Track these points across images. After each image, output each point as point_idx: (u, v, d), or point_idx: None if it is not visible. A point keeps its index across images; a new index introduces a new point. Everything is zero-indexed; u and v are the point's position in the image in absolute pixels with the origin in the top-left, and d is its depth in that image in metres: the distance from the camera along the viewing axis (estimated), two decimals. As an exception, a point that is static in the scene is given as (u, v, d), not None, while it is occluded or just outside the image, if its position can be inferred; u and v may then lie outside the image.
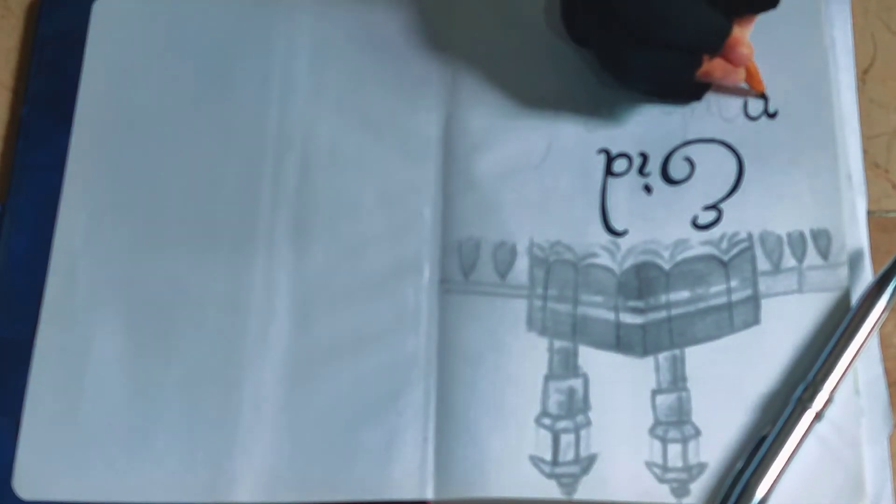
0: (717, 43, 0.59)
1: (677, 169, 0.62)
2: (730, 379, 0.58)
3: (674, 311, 0.59)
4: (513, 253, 0.61)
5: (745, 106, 0.63)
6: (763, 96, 0.63)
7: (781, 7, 0.64)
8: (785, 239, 0.60)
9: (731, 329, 0.59)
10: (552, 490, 0.57)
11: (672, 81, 0.62)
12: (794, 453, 0.55)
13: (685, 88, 0.63)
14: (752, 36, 0.64)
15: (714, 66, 0.60)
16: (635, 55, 0.59)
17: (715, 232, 0.61)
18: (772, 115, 0.63)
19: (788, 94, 0.63)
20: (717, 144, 0.63)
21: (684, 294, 0.60)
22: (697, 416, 0.57)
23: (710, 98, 0.63)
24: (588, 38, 0.62)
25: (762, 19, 0.64)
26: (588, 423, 0.58)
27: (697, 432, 0.57)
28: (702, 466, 0.57)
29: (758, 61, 0.63)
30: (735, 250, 0.60)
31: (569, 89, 0.64)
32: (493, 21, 0.66)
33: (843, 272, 0.59)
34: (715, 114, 0.63)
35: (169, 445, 0.59)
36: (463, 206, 0.62)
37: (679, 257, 0.60)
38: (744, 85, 0.63)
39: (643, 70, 0.60)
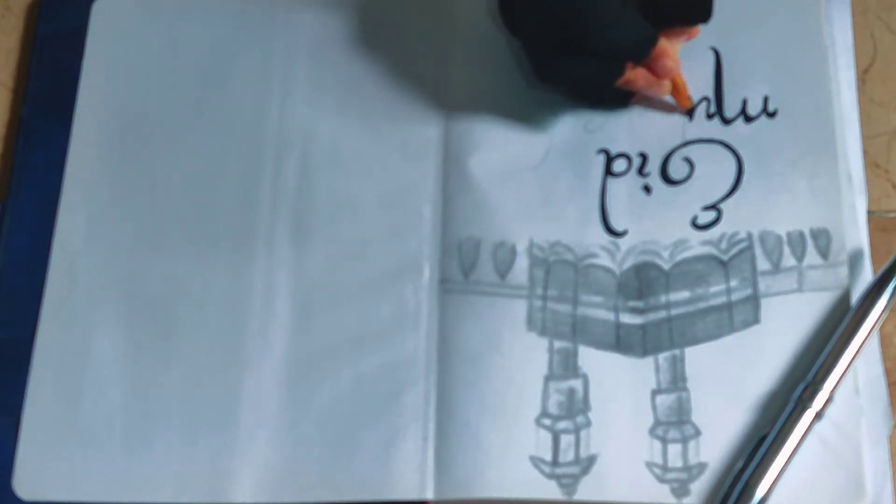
0: (642, 52, 0.59)
1: (677, 169, 0.62)
2: (730, 379, 0.58)
3: (674, 311, 0.59)
4: (512, 253, 0.61)
5: (745, 105, 0.63)
6: (689, 113, 0.63)
7: (781, 7, 0.65)
8: (784, 238, 0.60)
9: (731, 329, 0.59)
10: (552, 490, 0.57)
11: (594, 88, 0.62)
12: (794, 453, 0.55)
13: (608, 95, 0.63)
14: (750, 35, 0.64)
15: (637, 76, 0.60)
16: (558, 61, 0.59)
17: (714, 232, 0.61)
18: (771, 115, 0.63)
19: (788, 93, 0.63)
20: (716, 144, 0.63)
21: (684, 294, 0.60)
22: (697, 416, 0.57)
23: (709, 98, 0.63)
24: (521, 34, 0.62)
25: (762, 19, 0.64)
26: (588, 424, 0.58)
27: (697, 432, 0.57)
28: (702, 466, 0.57)
29: (758, 60, 0.63)
30: (735, 250, 0.60)
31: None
32: (493, 21, 0.66)
33: (843, 271, 0.59)
34: (714, 114, 0.63)
35: (169, 445, 0.59)
36: (463, 206, 0.62)
37: (679, 257, 0.60)
38: (669, 98, 0.63)
39: (565, 76, 0.60)
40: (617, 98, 0.63)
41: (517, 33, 0.61)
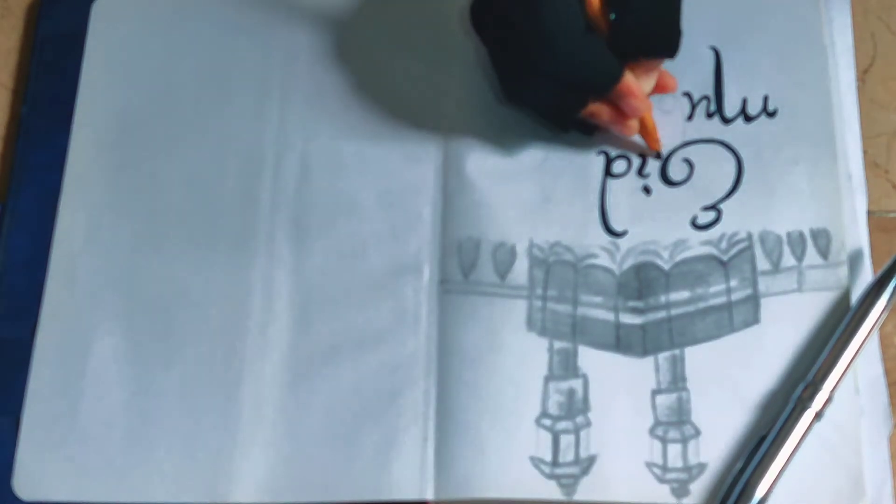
0: (604, 87, 0.58)
1: (676, 170, 0.62)
2: (730, 379, 0.58)
3: (673, 311, 0.59)
4: (512, 253, 0.61)
5: (745, 105, 0.63)
6: (658, 155, 0.62)
7: (781, 7, 0.65)
8: (784, 238, 0.60)
9: (731, 329, 0.59)
10: (552, 491, 0.57)
11: (556, 115, 0.62)
12: (793, 453, 0.55)
13: (572, 124, 0.62)
14: (750, 35, 0.64)
15: (601, 110, 0.60)
16: (522, 82, 0.59)
17: (714, 232, 0.61)
18: (771, 115, 0.63)
19: (788, 93, 0.63)
20: (716, 145, 0.63)
21: (684, 294, 0.60)
22: (697, 416, 0.57)
23: (709, 97, 0.63)
24: (488, 48, 0.62)
25: (762, 19, 0.64)
26: (588, 424, 0.58)
27: (697, 432, 0.57)
28: (702, 466, 0.57)
29: (758, 59, 0.63)
30: (734, 250, 0.60)
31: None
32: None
33: (843, 271, 0.59)
34: (714, 113, 0.63)
35: (169, 445, 0.59)
36: (462, 206, 0.62)
37: (679, 257, 0.60)
38: (638, 138, 0.62)
39: (527, 99, 0.60)
40: (581, 128, 0.62)
41: (486, 46, 0.61)
